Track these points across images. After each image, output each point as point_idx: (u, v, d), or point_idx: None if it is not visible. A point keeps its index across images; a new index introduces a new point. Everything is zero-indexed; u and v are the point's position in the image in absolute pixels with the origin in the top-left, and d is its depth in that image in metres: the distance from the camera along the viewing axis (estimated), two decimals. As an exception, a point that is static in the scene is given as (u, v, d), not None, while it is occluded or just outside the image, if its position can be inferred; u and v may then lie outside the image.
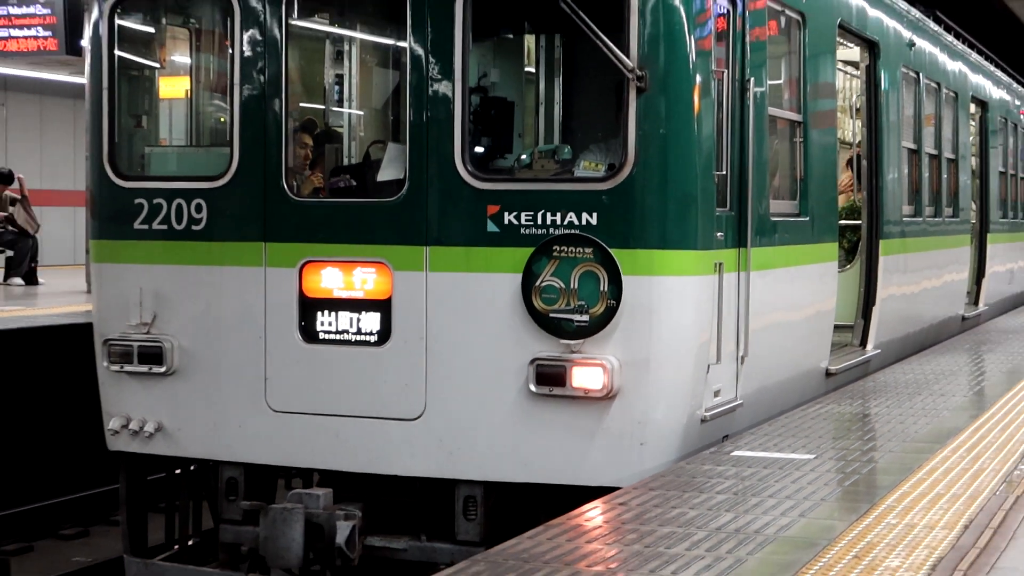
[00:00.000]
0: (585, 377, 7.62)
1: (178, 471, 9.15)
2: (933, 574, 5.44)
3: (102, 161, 8.71)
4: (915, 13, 14.37)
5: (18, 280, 20.48)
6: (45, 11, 19.37)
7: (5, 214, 20.64)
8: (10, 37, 19.67)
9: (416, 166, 7.97)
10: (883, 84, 12.30)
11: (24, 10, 19.48)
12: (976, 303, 17.74)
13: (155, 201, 8.52)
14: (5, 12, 19.59)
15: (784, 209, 9.66)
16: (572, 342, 7.64)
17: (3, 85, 28.99)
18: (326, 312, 8.16)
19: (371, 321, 8.07)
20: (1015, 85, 21.94)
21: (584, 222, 7.64)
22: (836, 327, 10.91)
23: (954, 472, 7.51)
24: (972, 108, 17.42)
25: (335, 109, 10.02)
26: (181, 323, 8.51)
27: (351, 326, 8.11)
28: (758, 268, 8.68)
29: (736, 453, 7.96)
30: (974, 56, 18.33)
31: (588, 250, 7.59)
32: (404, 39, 8.04)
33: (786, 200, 9.84)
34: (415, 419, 7.99)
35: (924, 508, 6.61)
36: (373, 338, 8.06)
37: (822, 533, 6.08)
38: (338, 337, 8.13)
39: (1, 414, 13.16)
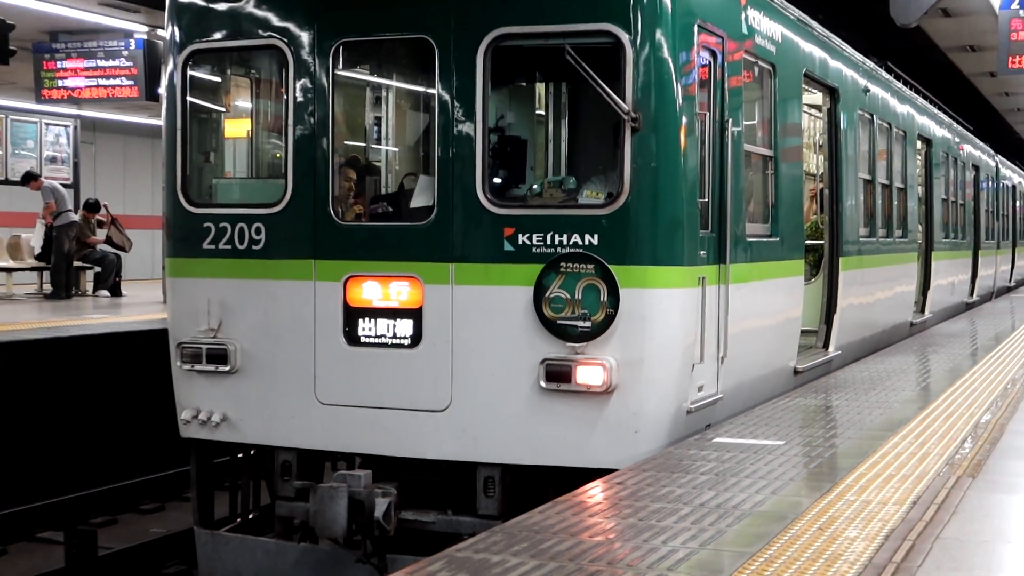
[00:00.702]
0: (588, 375, 7.60)
1: (240, 455, 9.16)
2: (886, 543, 5.42)
3: (176, 191, 8.73)
4: (870, 64, 14.35)
5: (105, 292, 20.54)
6: (128, 64, 19.57)
7: (102, 240, 20.76)
8: (98, 86, 19.88)
9: (443, 195, 7.96)
10: (842, 124, 12.28)
11: (110, 63, 19.69)
12: (922, 311, 17.67)
13: (221, 225, 8.53)
14: (94, 64, 19.77)
15: (758, 231, 9.63)
16: (576, 345, 7.62)
17: (92, 127, 29.10)
18: (366, 319, 8.15)
19: (405, 327, 8.05)
20: (955, 125, 21.87)
21: (587, 242, 7.62)
22: (802, 332, 10.87)
23: (904, 456, 7.48)
24: (918, 144, 17.36)
25: (374, 146, 10.02)
26: (243, 329, 8.51)
27: (388, 331, 8.09)
28: (735, 281, 8.66)
29: (717, 440, 7.94)
30: (920, 100, 18.29)
31: (590, 266, 7.58)
32: (433, 87, 8.03)
33: (759, 223, 9.81)
34: (442, 410, 7.98)
35: (878, 487, 6.58)
36: (407, 341, 8.05)
37: (791, 508, 6.06)
38: (377, 341, 8.12)
39: (90, 406, 13.21)
